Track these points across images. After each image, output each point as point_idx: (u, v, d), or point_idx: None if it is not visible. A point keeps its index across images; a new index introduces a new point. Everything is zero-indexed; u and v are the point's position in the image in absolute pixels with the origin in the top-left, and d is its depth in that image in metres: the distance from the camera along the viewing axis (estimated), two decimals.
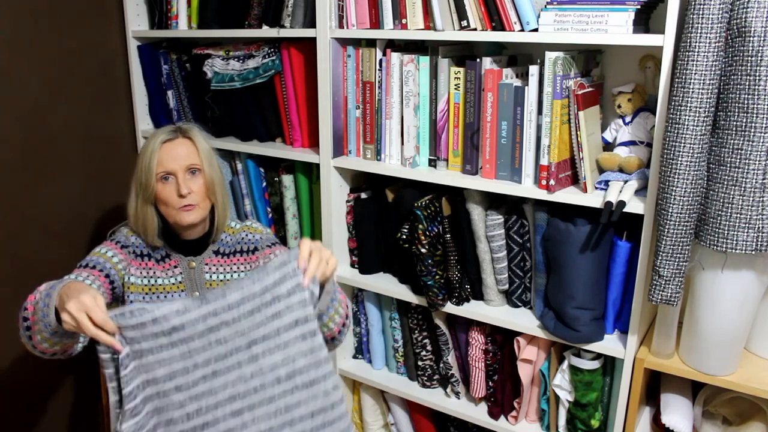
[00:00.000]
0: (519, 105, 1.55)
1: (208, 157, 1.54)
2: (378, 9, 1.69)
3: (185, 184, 1.49)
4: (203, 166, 1.52)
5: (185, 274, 1.59)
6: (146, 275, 1.58)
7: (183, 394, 1.21)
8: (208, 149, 1.56)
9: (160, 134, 1.52)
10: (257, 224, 1.69)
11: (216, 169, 1.56)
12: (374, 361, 2.05)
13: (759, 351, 1.54)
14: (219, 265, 1.61)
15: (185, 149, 1.51)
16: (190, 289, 1.59)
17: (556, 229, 1.55)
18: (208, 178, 1.53)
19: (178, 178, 1.49)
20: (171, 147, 1.50)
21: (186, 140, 1.52)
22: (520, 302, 1.74)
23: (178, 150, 1.51)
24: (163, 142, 1.50)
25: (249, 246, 1.64)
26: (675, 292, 1.38)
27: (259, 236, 1.65)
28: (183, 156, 1.50)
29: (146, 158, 1.50)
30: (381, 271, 1.97)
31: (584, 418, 1.65)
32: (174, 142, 1.51)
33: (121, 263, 1.56)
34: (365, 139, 1.83)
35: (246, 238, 1.65)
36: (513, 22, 1.51)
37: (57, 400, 2.26)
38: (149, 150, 1.50)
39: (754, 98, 1.23)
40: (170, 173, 1.50)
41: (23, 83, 2.02)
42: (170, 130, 1.53)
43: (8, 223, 2.03)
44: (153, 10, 2.24)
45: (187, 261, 1.60)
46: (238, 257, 1.63)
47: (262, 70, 1.98)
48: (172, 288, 1.58)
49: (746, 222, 1.29)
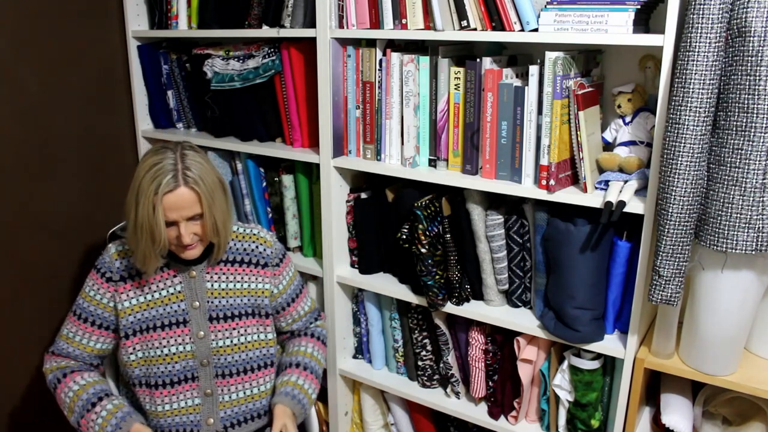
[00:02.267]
0: (519, 105, 1.55)
1: (211, 198, 1.48)
2: (378, 9, 1.69)
3: (188, 233, 1.47)
4: (205, 212, 1.48)
5: (185, 284, 1.58)
6: (140, 293, 1.57)
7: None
8: (211, 186, 1.48)
9: (161, 177, 1.42)
10: (264, 233, 1.68)
11: (219, 204, 1.50)
12: (374, 361, 2.05)
13: (759, 351, 1.54)
14: (221, 273, 1.61)
15: (187, 200, 1.45)
16: (190, 299, 1.58)
17: (556, 229, 1.55)
18: (209, 221, 1.49)
19: (180, 227, 1.47)
20: (173, 198, 1.43)
21: (187, 190, 1.44)
22: (520, 302, 1.74)
23: (181, 200, 1.44)
24: (164, 193, 1.42)
25: (258, 259, 1.64)
26: (675, 292, 1.38)
27: (270, 250, 1.65)
28: (185, 207, 1.45)
29: (147, 209, 1.43)
30: (381, 271, 1.97)
31: (584, 418, 1.65)
32: (176, 193, 1.43)
33: (105, 297, 1.58)
34: (365, 139, 1.83)
35: (256, 249, 1.64)
36: (513, 22, 1.51)
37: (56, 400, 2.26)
38: (148, 198, 1.42)
39: (754, 98, 1.23)
40: (172, 222, 1.47)
41: (23, 83, 2.02)
42: (171, 176, 1.43)
43: (8, 223, 2.03)
44: (153, 10, 2.24)
45: (187, 270, 1.59)
46: (244, 267, 1.62)
47: (262, 70, 1.98)
48: (171, 299, 1.57)
49: (746, 222, 1.29)
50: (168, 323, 1.57)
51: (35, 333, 2.15)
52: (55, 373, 1.59)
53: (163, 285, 1.58)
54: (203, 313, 1.58)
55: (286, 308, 1.73)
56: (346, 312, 2.05)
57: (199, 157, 1.49)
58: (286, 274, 1.71)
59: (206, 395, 1.58)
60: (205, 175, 1.47)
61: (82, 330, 1.60)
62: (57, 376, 1.59)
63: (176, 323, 1.57)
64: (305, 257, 2.12)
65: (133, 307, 1.57)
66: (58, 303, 2.21)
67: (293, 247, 2.14)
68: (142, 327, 1.57)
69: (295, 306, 1.75)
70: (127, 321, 1.56)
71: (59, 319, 2.22)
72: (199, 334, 1.57)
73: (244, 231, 1.66)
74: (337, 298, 2.00)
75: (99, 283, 1.58)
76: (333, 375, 2.08)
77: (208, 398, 1.59)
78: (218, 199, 1.50)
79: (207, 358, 1.58)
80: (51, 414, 2.25)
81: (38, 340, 2.16)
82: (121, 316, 1.57)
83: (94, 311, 1.59)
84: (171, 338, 1.56)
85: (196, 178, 1.45)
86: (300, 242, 2.14)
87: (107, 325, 1.60)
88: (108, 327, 1.60)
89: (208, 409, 1.59)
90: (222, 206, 1.52)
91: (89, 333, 1.60)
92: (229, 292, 1.61)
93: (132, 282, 1.58)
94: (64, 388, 1.57)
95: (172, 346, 1.56)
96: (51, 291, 2.18)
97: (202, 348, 1.57)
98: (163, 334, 1.56)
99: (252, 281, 1.63)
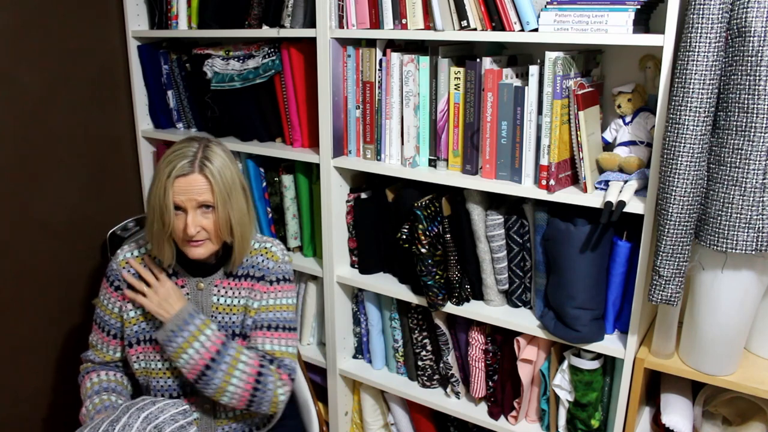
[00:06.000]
0: (519, 105, 1.55)
1: (226, 192, 1.42)
2: (378, 9, 1.69)
3: (194, 223, 1.40)
4: (217, 204, 1.41)
5: (192, 296, 1.54)
6: None
7: None
8: (229, 182, 1.43)
9: (176, 160, 1.40)
10: (277, 248, 1.59)
11: (236, 202, 1.45)
12: (374, 361, 2.05)
13: (759, 351, 1.54)
14: (228, 288, 1.55)
15: (199, 186, 1.39)
16: None
17: (556, 229, 1.55)
18: (221, 216, 1.42)
19: (187, 215, 1.40)
20: (184, 182, 1.39)
21: (200, 176, 1.40)
22: (520, 302, 1.74)
23: (191, 186, 1.39)
24: (176, 176, 1.39)
25: (258, 273, 1.55)
26: (675, 292, 1.38)
27: (273, 264, 1.56)
28: (195, 192, 1.39)
29: (159, 191, 1.40)
30: (381, 271, 1.97)
31: (584, 418, 1.65)
32: (188, 178, 1.39)
33: (115, 306, 1.56)
34: (365, 139, 1.83)
35: (261, 263, 1.56)
36: (513, 22, 1.51)
37: (56, 401, 2.26)
38: (161, 180, 1.39)
39: (754, 98, 1.23)
40: (180, 207, 1.41)
41: (23, 83, 2.02)
42: (188, 161, 1.40)
43: (8, 223, 2.03)
44: (153, 10, 2.24)
45: (196, 282, 1.54)
46: (247, 281, 1.55)
47: (262, 70, 1.98)
48: None
49: (746, 222, 1.29)
50: None
51: (35, 333, 2.15)
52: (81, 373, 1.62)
53: None
54: None
55: (257, 331, 1.53)
56: (346, 312, 2.05)
57: (222, 152, 1.45)
58: (278, 297, 1.55)
59: (205, 411, 1.56)
60: (223, 168, 1.42)
61: (101, 339, 1.58)
62: (82, 375, 1.61)
63: None
64: (305, 257, 2.12)
65: (138, 316, 1.54)
66: (59, 303, 2.21)
67: (293, 247, 2.14)
68: (146, 337, 1.54)
69: (262, 335, 1.52)
70: (131, 330, 1.54)
71: (59, 320, 2.22)
72: None
73: (258, 246, 1.58)
74: (337, 298, 2.00)
75: (109, 292, 1.56)
76: (333, 375, 2.08)
77: (206, 413, 1.56)
78: (236, 199, 1.45)
79: None
80: (51, 414, 2.25)
81: (38, 340, 2.16)
82: (126, 325, 1.54)
83: (108, 320, 1.57)
84: None
85: (212, 169, 1.40)
86: (300, 242, 2.14)
87: (120, 336, 1.58)
88: (122, 337, 1.58)
89: (206, 424, 1.56)
90: (240, 207, 1.46)
91: (107, 343, 1.58)
92: (233, 308, 1.54)
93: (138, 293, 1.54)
94: (81, 388, 1.58)
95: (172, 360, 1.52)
96: (51, 291, 2.18)
97: None
98: None
99: (249, 295, 1.54)
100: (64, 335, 2.25)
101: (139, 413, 1.36)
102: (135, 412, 1.36)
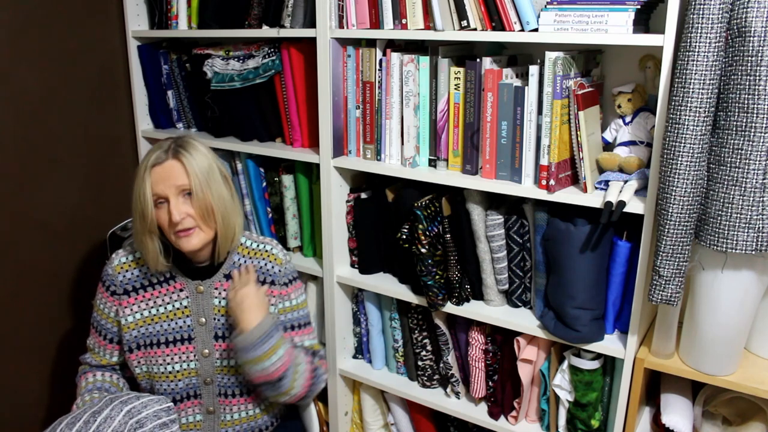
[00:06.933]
0: (519, 105, 1.55)
1: (203, 177, 1.42)
2: (378, 9, 1.69)
3: (177, 209, 1.40)
4: (194, 188, 1.41)
5: (192, 299, 1.53)
6: (144, 307, 1.53)
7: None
8: (206, 168, 1.43)
9: (151, 154, 1.43)
10: (277, 250, 1.58)
11: (216, 188, 1.45)
12: (374, 361, 2.05)
13: (759, 351, 1.54)
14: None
15: (174, 171, 1.40)
16: (196, 315, 1.53)
17: (556, 229, 1.55)
18: (201, 200, 1.42)
19: (170, 203, 1.40)
20: (160, 170, 1.41)
21: (175, 162, 1.41)
22: (520, 302, 1.74)
23: (168, 172, 1.40)
24: (152, 166, 1.41)
25: (265, 277, 1.55)
26: (675, 292, 1.38)
27: (279, 269, 1.56)
28: (173, 178, 1.40)
29: (139, 185, 1.42)
30: (381, 271, 1.97)
31: (584, 418, 1.65)
32: (163, 165, 1.41)
33: (112, 311, 1.56)
34: (365, 139, 1.83)
35: (264, 267, 1.55)
36: (513, 22, 1.51)
37: (56, 401, 2.26)
38: (140, 175, 1.42)
39: (754, 98, 1.23)
40: (162, 197, 1.41)
41: (23, 83, 2.02)
42: (163, 150, 1.43)
43: (8, 223, 2.03)
44: (153, 10, 2.24)
45: (195, 285, 1.53)
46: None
47: (262, 70, 1.98)
48: (176, 314, 1.53)
49: (746, 222, 1.29)
50: (172, 339, 1.53)
51: (35, 333, 2.15)
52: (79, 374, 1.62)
53: (169, 299, 1.53)
54: (209, 331, 1.53)
55: (288, 332, 1.59)
56: (346, 312, 2.05)
57: (197, 143, 1.46)
58: (294, 297, 1.60)
59: (208, 413, 1.56)
60: (198, 155, 1.43)
61: (99, 343, 1.59)
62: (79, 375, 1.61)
63: (181, 340, 1.53)
64: (305, 257, 2.12)
65: (137, 321, 1.53)
66: (58, 303, 2.21)
67: (293, 247, 2.14)
68: (146, 342, 1.53)
69: (295, 335, 1.60)
70: (130, 336, 1.53)
71: (59, 320, 2.22)
72: (203, 352, 1.53)
73: (257, 247, 1.58)
74: (337, 298, 2.00)
75: (105, 296, 1.56)
76: (333, 375, 2.08)
77: (210, 416, 1.56)
78: (215, 185, 1.44)
79: (211, 376, 1.54)
80: (51, 414, 2.25)
81: (38, 340, 2.16)
82: (124, 331, 1.53)
83: (105, 324, 1.57)
84: (175, 355, 1.53)
85: (186, 154, 1.42)
86: (300, 242, 2.14)
87: (118, 340, 1.58)
88: (119, 341, 1.58)
89: (209, 426, 1.57)
90: (221, 194, 1.46)
91: (103, 347, 1.59)
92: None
93: (136, 295, 1.53)
94: (77, 387, 1.59)
95: (176, 363, 1.53)
96: (51, 291, 2.18)
97: (207, 366, 1.54)
98: (167, 351, 1.53)
99: None
100: (64, 335, 2.25)
101: (122, 406, 1.36)
102: (118, 405, 1.36)
